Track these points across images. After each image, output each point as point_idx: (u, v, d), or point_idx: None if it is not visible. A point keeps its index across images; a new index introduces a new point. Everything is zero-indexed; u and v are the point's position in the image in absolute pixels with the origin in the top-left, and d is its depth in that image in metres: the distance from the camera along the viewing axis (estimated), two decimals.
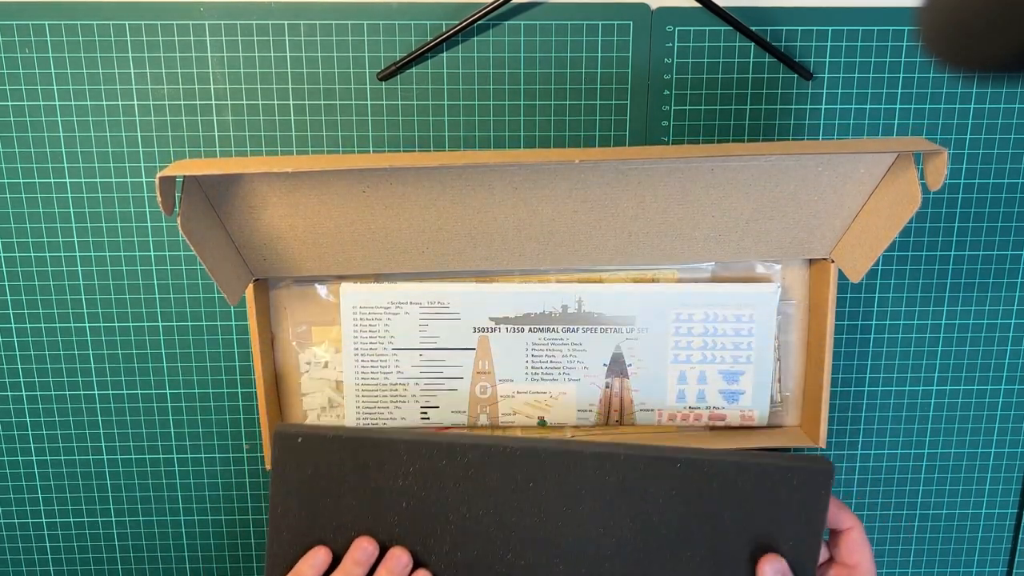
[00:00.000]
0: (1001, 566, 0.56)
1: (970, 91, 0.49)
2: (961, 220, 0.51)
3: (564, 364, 0.50)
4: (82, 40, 0.47)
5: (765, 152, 0.40)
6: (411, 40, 0.47)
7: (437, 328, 0.50)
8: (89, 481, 0.53)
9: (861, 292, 0.52)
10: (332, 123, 0.48)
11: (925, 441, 0.54)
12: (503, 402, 0.51)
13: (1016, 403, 0.54)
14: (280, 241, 0.46)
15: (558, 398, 0.51)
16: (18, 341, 0.51)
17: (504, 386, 0.51)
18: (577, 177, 0.44)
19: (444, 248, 0.47)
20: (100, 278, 0.50)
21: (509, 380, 0.51)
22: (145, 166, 0.48)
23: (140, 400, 0.52)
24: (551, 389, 0.51)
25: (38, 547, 0.54)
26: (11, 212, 0.49)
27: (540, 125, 0.49)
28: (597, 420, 0.52)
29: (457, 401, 0.51)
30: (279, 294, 0.50)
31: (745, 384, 0.51)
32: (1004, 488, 0.55)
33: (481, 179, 0.43)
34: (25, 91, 0.47)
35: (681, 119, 0.49)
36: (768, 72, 0.49)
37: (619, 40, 0.48)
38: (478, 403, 0.51)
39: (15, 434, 0.52)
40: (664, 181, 0.44)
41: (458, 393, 0.51)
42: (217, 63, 0.47)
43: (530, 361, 0.50)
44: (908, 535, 0.56)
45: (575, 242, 0.47)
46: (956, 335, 0.53)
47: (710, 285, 0.50)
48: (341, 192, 0.43)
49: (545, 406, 0.51)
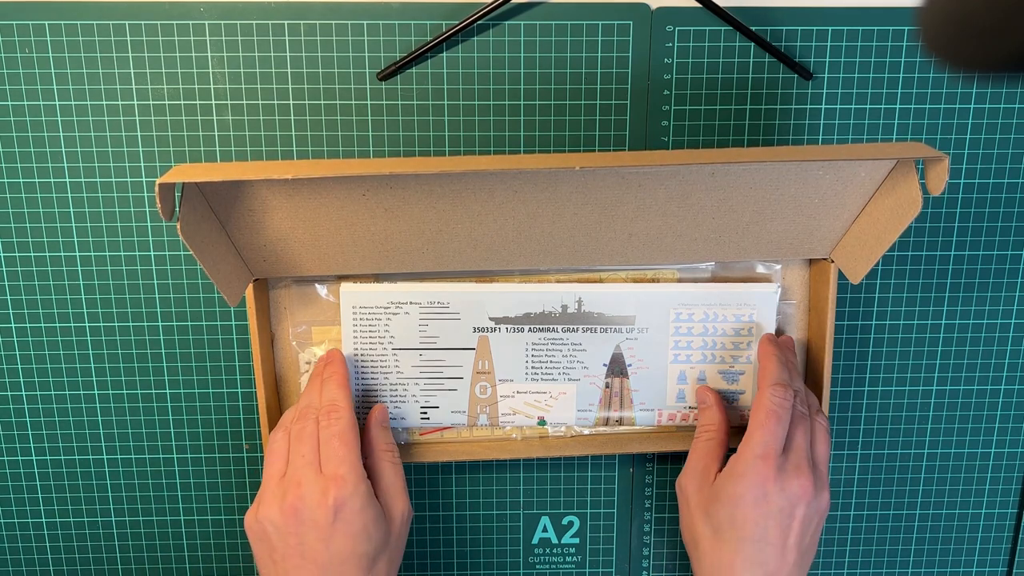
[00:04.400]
0: (1001, 566, 0.56)
1: (970, 91, 0.49)
2: (961, 220, 0.51)
3: (564, 364, 0.50)
4: (82, 40, 0.47)
5: (766, 159, 0.40)
6: (411, 40, 0.47)
7: (437, 328, 0.50)
8: (89, 481, 0.53)
9: (861, 292, 0.52)
10: (332, 123, 0.48)
11: (925, 441, 0.54)
12: (503, 402, 0.51)
13: (1016, 403, 0.54)
14: (280, 243, 0.46)
15: (558, 398, 0.51)
16: (18, 341, 0.51)
17: (504, 386, 0.51)
18: (577, 180, 0.44)
19: (444, 249, 0.47)
20: (100, 278, 0.50)
21: (509, 380, 0.51)
22: (145, 166, 0.48)
23: (140, 400, 0.52)
24: (551, 389, 0.51)
25: (38, 547, 0.54)
26: (11, 212, 0.49)
27: (540, 125, 0.49)
28: (597, 422, 0.52)
29: (457, 401, 0.51)
30: (279, 294, 0.50)
31: (745, 384, 0.51)
32: (1004, 488, 0.55)
33: (481, 183, 0.43)
34: (25, 91, 0.47)
35: (681, 119, 0.49)
36: (768, 72, 0.49)
37: (619, 40, 0.48)
38: (478, 403, 0.51)
39: (15, 434, 0.52)
40: (664, 184, 0.44)
41: (458, 393, 0.51)
42: (217, 63, 0.47)
43: (530, 361, 0.50)
44: (908, 535, 0.56)
45: (575, 243, 0.47)
46: (956, 335, 0.53)
47: (710, 285, 0.50)
48: (341, 196, 0.44)
49: (545, 406, 0.51)
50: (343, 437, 0.43)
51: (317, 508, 0.42)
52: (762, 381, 0.46)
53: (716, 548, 0.44)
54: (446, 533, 0.55)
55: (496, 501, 0.54)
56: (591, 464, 0.54)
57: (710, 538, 0.45)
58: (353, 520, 0.42)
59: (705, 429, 0.48)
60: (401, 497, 0.46)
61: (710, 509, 0.45)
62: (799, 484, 0.43)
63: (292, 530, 0.42)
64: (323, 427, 0.44)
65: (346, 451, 0.43)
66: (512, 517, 0.55)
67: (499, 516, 0.55)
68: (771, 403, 0.44)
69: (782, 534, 0.43)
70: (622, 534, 0.55)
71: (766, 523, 0.43)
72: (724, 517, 0.44)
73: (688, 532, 0.47)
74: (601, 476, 0.54)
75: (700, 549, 0.45)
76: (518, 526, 0.55)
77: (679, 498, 0.48)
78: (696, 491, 0.46)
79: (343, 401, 0.45)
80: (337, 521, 0.42)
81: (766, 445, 0.43)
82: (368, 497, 0.43)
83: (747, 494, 0.43)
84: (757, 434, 0.44)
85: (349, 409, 0.45)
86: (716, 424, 0.48)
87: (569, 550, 0.55)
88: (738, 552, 0.43)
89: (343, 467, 0.42)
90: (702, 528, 0.45)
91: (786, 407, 0.44)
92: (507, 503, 0.54)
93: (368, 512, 0.43)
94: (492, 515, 0.55)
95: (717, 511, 0.44)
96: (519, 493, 0.54)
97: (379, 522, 0.43)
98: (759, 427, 0.44)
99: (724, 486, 0.44)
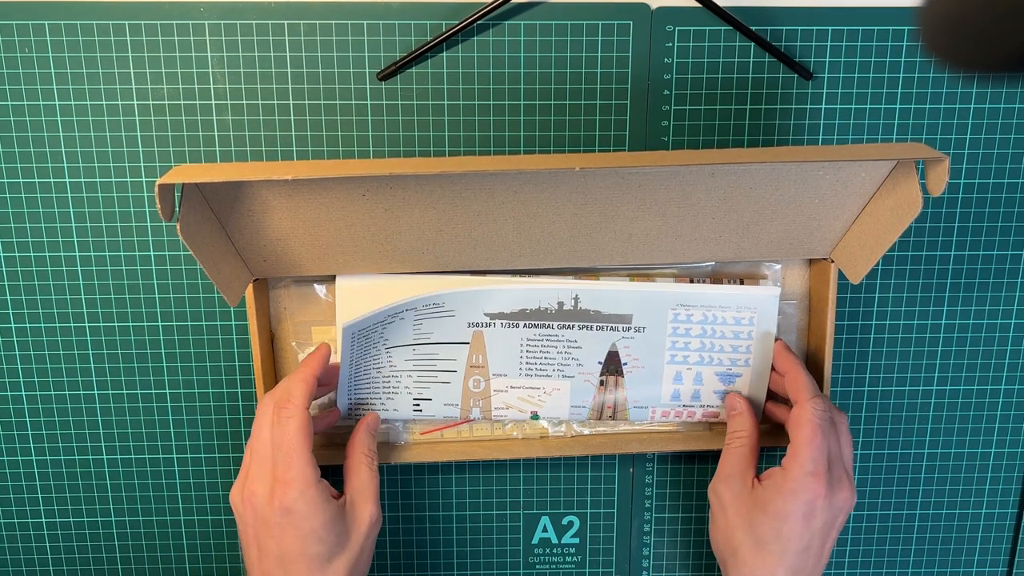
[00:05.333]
0: (1001, 566, 0.56)
1: (970, 91, 0.49)
2: (961, 220, 0.51)
3: (558, 361, 0.50)
4: (82, 40, 0.47)
5: (766, 159, 0.40)
6: (411, 40, 0.47)
7: (432, 324, 0.49)
8: (89, 481, 0.53)
9: (861, 292, 0.52)
10: (332, 123, 0.48)
11: (925, 441, 0.54)
12: (496, 396, 0.51)
13: (1016, 403, 0.54)
14: (280, 243, 0.46)
15: (551, 393, 0.51)
16: (18, 341, 0.51)
17: (497, 380, 0.51)
18: (577, 180, 0.44)
19: (444, 249, 0.47)
20: (100, 278, 0.50)
21: (503, 375, 0.51)
22: (145, 166, 0.48)
23: (140, 400, 0.52)
24: (544, 384, 0.51)
25: (38, 547, 0.54)
26: (11, 212, 0.49)
27: (540, 125, 0.49)
28: (590, 415, 0.52)
29: (450, 394, 0.51)
30: (279, 294, 0.50)
31: (741, 385, 0.51)
32: (1004, 488, 0.55)
33: (481, 183, 0.43)
34: (25, 91, 0.47)
35: (681, 118, 0.49)
36: (768, 72, 0.49)
37: (619, 40, 0.48)
38: (471, 396, 0.51)
39: (15, 434, 0.52)
40: (664, 184, 0.44)
41: (451, 386, 0.51)
42: (217, 63, 0.47)
43: (524, 357, 0.50)
44: (908, 535, 0.56)
45: (575, 243, 0.47)
46: (956, 335, 0.53)
47: (710, 286, 0.49)
48: (341, 196, 0.44)
49: (538, 401, 0.51)
50: (292, 441, 0.42)
51: (267, 507, 0.42)
52: (798, 394, 0.46)
53: (758, 558, 0.44)
54: (446, 533, 0.55)
55: (496, 501, 0.54)
56: (591, 464, 0.54)
57: (751, 547, 0.45)
58: (301, 523, 0.42)
59: (737, 435, 0.48)
60: (369, 502, 0.45)
61: (753, 520, 0.45)
62: (843, 497, 0.44)
63: (250, 520, 0.43)
64: (275, 424, 0.43)
65: (295, 455, 0.42)
66: (512, 517, 0.55)
67: (499, 516, 0.55)
68: (815, 417, 0.44)
69: (822, 542, 0.44)
70: (622, 534, 0.55)
71: (811, 535, 0.44)
72: (769, 530, 0.44)
73: (724, 539, 0.47)
74: (601, 476, 0.54)
75: (739, 557, 0.45)
76: (518, 526, 0.55)
77: (713, 504, 0.48)
78: (734, 498, 0.46)
79: (298, 397, 0.43)
80: (286, 522, 0.42)
81: (815, 462, 0.43)
82: (318, 501, 0.42)
83: (797, 511, 0.43)
84: (806, 451, 0.43)
85: (302, 407, 0.43)
86: (748, 430, 0.48)
87: (569, 550, 0.55)
88: (781, 563, 0.44)
89: (291, 471, 0.42)
90: (743, 537, 0.45)
91: (828, 419, 0.44)
92: (507, 503, 0.54)
93: (319, 515, 0.42)
94: (492, 515, 0.55)
95: (761, 523, 0.44)
96: (519, 493, 0.54)
97: (333, 524, 0.43)
98: (807, 444, 0.43)
99: (772, 501, 0.44)
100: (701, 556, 0.56)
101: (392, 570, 0.55)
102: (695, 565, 0.56)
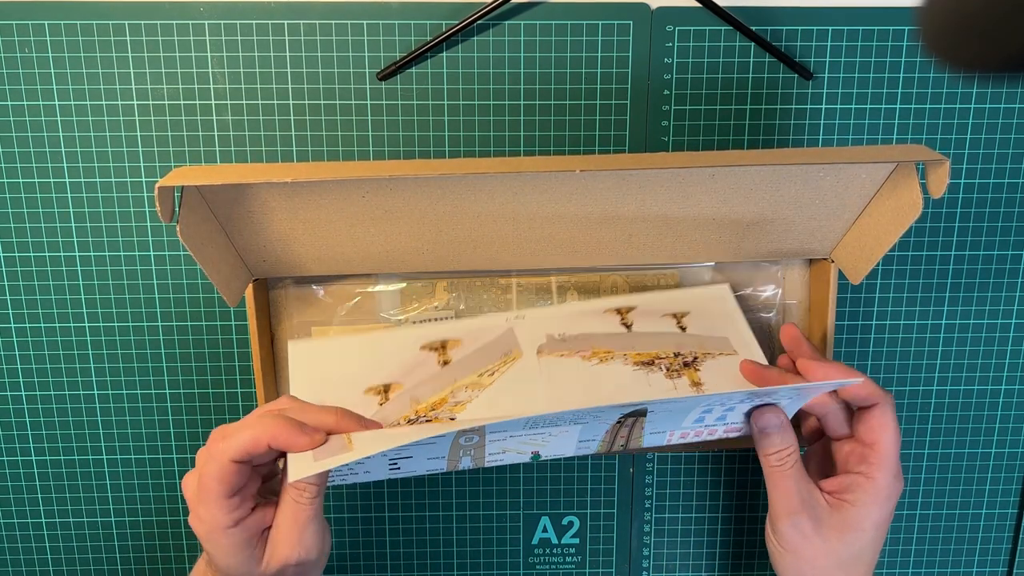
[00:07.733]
0: (1001, 566, 0.56)
1: (970, 92, 0.49)
2: (961, 220, 0.51)
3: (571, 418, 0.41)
4: (82, 40, 0.47)
5: (766, 161, 0.40)
6: (411, 40, 0.47)
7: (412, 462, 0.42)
8: (89, 481, 0.53)
9: (861, 292, 0.52)
10: (332, 123, 0.48)
11: (925, 441, 0.54)
12: (492, 444, 0.42)
13: (1016, 403, 0.54)
14: (280, 244, 0.46)
15: (557, 435, 0.42)
16: (18, 341, 0.51)
17: (495, 435, 0.42)
18: (578, 181, 0.44)
19: (444, 250, 0.47)
20: (100, 278, 0.50)
21: (502, 431, 0.41)
22: (145, 166, 0.48)
23: (140, 400, 0.52)
24: (551, 429, 0.42)
25: (38, 547, 0.54)
26: (11, 212, 0.49)
27: (540, 125, 0.49)
28: (599, 449, 0.44)
29: (435, 450, 0.41)
30: (278, 294, 0.50)
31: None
32: (1004, 488, 0.55)
33: (481, 185, 0.43)
34: (25, 91, 0.47)
35: (681, 118, 0.49)
36: (768, 72, 0.49)
37: (619, 40, 0.48)
38: (460, 449, 0.42)
39: (15, 434, 0.52)
40: (665, 185, 0.44)
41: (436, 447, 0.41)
42: (217, 63, 0.47)
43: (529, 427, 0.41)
44: (908, 535, 0.56)
45: (575, 244, 0.47)
46: (956, 335, 0.53)
47: (661, 292, 0.49)
48: (341, 197, 0.43)
49: (541, 443, 0.43)
50: (209, 484, 0.38)
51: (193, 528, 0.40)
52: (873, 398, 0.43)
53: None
54: (446, 533, 0.55)
55: (496, 501, 0.54)
56: (591, 464, 0.54)
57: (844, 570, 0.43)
58: (215, 559, 0.40)
59: (789, 453, 0.42)
60: (284, 545, 0.39)
61: (847, 539, 0.42)
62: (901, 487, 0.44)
63: None
64: (204, 459, 0.39)
65: (210, 500, 0.38)
66: (512, 517, 0.55)
67: (499, 516, 0.55)
68: (895, 421, 0.43)
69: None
70: (622, 534, 0.55)
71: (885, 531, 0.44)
72: (866, 544, 0.43)
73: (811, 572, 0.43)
74: (601, 476, 0.54)
75: None
76: (518, 526, 0.55)
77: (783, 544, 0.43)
78: (816, 529, 0.42)
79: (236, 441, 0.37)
80: (206, 551, 0.41)
81: (898, 464, 0.43)
82: (228, 547, 0.39)
83: (888, 516, 0.43)
84: (893, 457, 0.42)
85: (230, 452, 0.37)
86: (794, 445, 0.43)
87: (569, 550, 0.55)
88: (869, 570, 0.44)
89: (202, 509, 0.38)
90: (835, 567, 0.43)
91: None
92: (507, 503, 0.54)
93: (229, 559, 0.39)
94: (492, 515, 0.55)
95: (855, 541, 0.42)
96: (519, 493, 0.54)
97: (241, 567, 0.39)
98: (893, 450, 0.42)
99: (868, 515, 0.42)
100: (701, 556, 0.56)
101: (392, 570, 0.55)
102: (695, 565, 0.56)
